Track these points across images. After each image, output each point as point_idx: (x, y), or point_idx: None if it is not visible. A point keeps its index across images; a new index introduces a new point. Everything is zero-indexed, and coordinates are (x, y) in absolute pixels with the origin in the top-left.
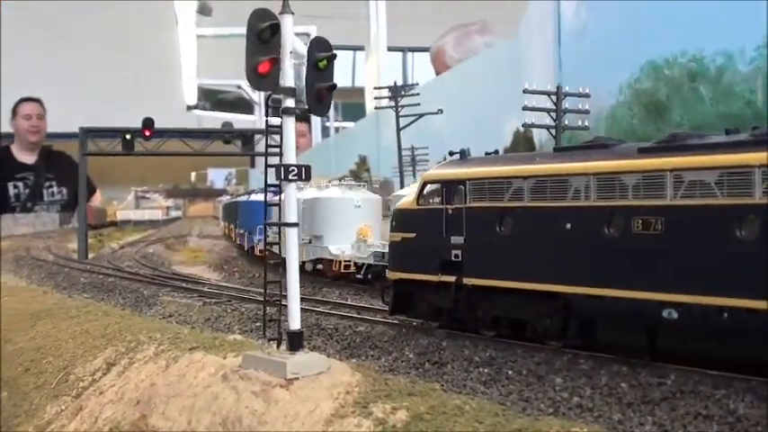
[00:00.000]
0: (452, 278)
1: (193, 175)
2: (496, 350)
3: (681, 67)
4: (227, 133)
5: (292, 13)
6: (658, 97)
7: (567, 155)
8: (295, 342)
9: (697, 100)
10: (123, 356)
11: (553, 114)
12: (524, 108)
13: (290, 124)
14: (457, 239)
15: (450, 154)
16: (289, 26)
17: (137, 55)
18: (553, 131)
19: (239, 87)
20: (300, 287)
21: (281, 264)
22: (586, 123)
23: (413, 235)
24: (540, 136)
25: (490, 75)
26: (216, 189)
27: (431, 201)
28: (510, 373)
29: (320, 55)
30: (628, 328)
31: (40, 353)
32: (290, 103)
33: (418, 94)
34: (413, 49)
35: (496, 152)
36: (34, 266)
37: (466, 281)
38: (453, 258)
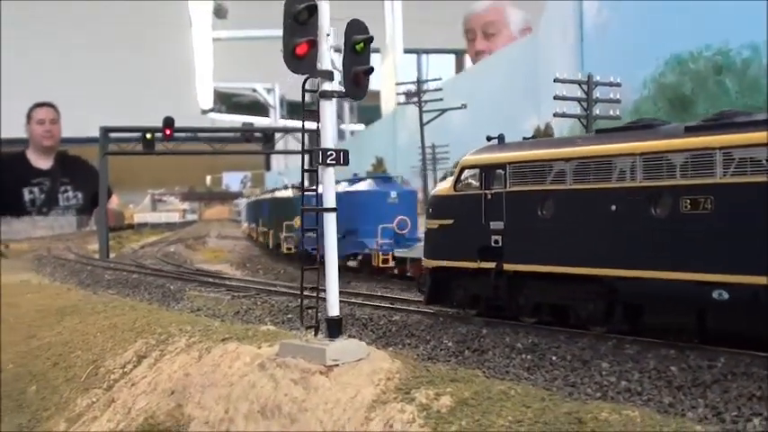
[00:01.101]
0: (492, 264)
1: (208, 178)
2: (538, 336)
3: (706, 61)
4: (247, 132)
5: None
6: (683, 91)
7: (610, 136)
8: (334, 329)
9: (723, 93)
10: (154, 348)
11: (584, 104)
12: (555, 97)
13: (327, 108)
14: (497, 225)
15: (488, 139)
16: (326, 8)
17: (151, 60)
18: (584, 121)
19: (254, 90)
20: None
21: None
22: (617, 113)
23: (450, 221)
24: (561, 132)
25: (508, 73)
26: (231, 192)
27: (469, 186)
28: (554, 358)
29: (357, 38)
30: (676, 311)
31: (68, 347)
32: (327, 86)
33: (441, 89)
34: (428, 51)
35: (534, 137)
36: (56, 265)
37: (507, 267)
38: (493, 244)
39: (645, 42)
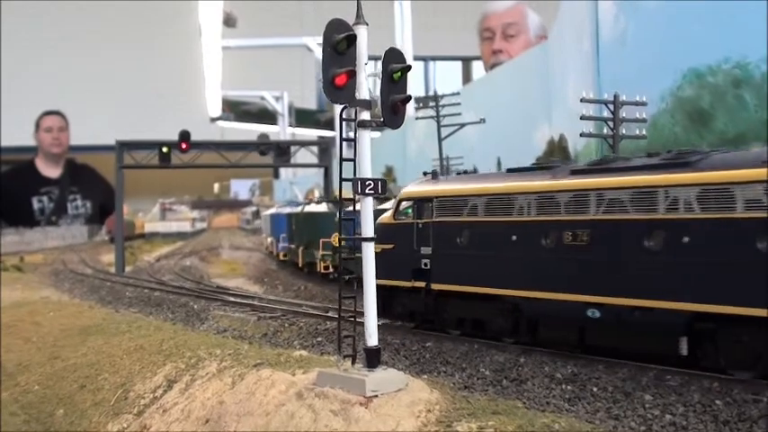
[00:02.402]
0: (423, 284)
1: (216, 186)
2: (578, 366)
3: (725, 74)
4: (262, 145)
5: (366, 24)
6: (701, 105)
7: (516, 176)
8: (373, 358)
9: (741, 107)
10: (184, 373)
11: (610, 124)
12: (582, 117)
13: (365, 137)
14: (426, 250)
15: (424, 174)
16: (364, 37)
17: (157, 65)
18: (610, 141)
19: (262, 98)
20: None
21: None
22: (644, 132)
23: (391, 246)
24: (574, 145)
25: (520, 81)
26: (240, 200)
27: (405, 216)
28: (595, 390)
29: (395, 67)
30: (562, 327)
31: (95, 369)
32: (365, 115)
33: (459, 104)
34: (435, 58)
35: (466, 172)
36: (75, 281)
37: (434, 286)
38: (423, 267)
39: (663, 53)
